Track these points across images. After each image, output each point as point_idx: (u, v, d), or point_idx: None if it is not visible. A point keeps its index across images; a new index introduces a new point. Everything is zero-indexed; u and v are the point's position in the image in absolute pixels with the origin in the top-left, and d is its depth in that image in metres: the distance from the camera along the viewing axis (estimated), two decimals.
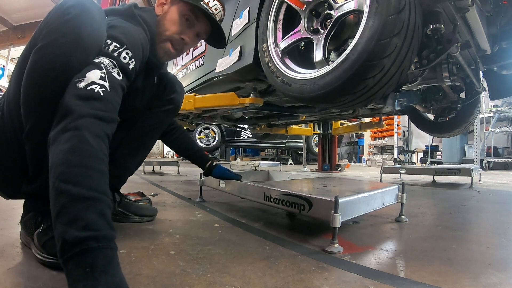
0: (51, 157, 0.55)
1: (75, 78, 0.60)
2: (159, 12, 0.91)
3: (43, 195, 0.68)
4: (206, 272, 0.62)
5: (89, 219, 0.49)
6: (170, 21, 0.90)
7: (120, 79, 0.67)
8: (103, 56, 0.66)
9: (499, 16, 1.27)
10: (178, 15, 0.91)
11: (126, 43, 0.70)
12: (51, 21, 0.62)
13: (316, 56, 1.07)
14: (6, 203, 1.24)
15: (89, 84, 0.60)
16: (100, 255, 0.47)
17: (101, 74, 0.63)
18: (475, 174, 2.49)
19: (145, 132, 1.05)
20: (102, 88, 0.61)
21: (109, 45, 0.68)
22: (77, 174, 0.52)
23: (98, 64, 0.64)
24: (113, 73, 0.66)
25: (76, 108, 0.57)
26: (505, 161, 6.00)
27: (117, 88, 0.66)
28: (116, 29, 0.72)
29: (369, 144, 10.23)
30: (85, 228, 0.48)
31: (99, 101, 0.60)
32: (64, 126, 0.56)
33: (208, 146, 6.44)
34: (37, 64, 0.61)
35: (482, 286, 0.60)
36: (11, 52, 7.22)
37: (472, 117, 1.91)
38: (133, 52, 0.72)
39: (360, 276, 0.63)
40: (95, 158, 0.55)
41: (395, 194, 1.10)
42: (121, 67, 0.68)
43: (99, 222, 0.49)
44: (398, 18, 0.84)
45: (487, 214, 1.40)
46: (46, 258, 0.62)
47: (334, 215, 0.77)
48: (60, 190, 0.51)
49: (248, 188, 1.13)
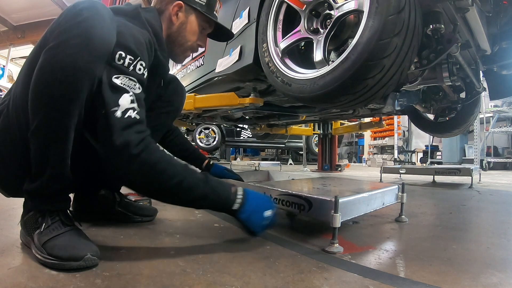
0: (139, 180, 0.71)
1: (110, 107, 0.67)
2: (175, 21, 0.93)
3: (44, 194, 0.68)
4: (206, 272, 0.62)
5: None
6: (191, 32, 0.96)
7: (140, 92, 0.74)
8: (123, 74, 0.70)
9: (499, 16, 1.27)
10: (198, 27, 0.97)
11: (139, 54, 0.73)
12: (63, 22, 0.64)
13: (316, 56, 1.07)
14: (6, 203, 1.24)
15: (124, 111, 0.68)
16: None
17: (130, 98, 0.70)
18: (475, 174, 2.48)
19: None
20: (135, 110, 0.70)
21: (124, 58, 0.70)
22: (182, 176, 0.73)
23: (124, 88, 0.69)
24: (136, 91, 0.72)
25: (129, 138, 0.67)
26: (505, 161, 6.00)
27: (142, 102, 0.74)
28: (126, 37, 0.72)
29: (369, 144, 10.23)
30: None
31: (139, 124, 0.71)
32: (129, 155, 0.67)
33: (208, 146, 6.44)
34: (47, 63, 0.62)
35: (482, 286, 0.60)
36: (11, 52, 7.21)
37: (472, 117, 1.91)
38: (145, 61, 0.75)
39: (360, 276, 0.63)
40: (173, 161, 0.74)
41: (395, 194, 1.10)
42: (139, 80, 0.73)
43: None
44: (398, 18, 0.84)
45: (487, 214, 1.40)
46: (46, 258, 0.62)
47: (334, 215, 0.77)
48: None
49: (248, 188, 1.13)
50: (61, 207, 0.71)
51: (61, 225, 0.69)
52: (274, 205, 0.87)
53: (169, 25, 0.94)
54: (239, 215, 0.79)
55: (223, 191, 0.79)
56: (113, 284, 0.55)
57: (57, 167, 0.67)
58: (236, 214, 0.79)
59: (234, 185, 0.82)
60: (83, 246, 0.64)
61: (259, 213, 0.82)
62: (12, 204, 1.21)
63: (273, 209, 0.85)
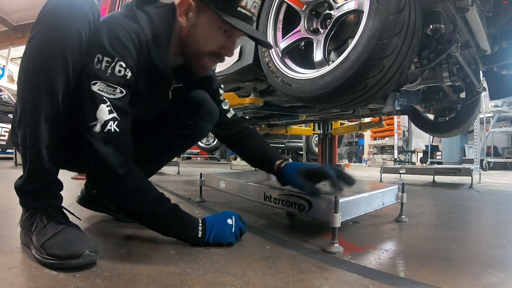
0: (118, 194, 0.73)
1: (89, 121, 0.66)
2: (183, 23, 0.77)
3: (29, 190, 0.70)
4: (206, 272, 0.62)
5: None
6: (205, 38, 0.77)
7: (124, 95, 0.70)
8: (100, 80, 0.67)
9: (499, 16, 1.27)
10: (213, 28, 0.76)
11: (116, 55, 0.67)
12: (38, 14, 0.67)
13: (316, 56, 1.07)
14: (7, 203, 1.25)
15: (103, 125, 0.67)
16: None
17: (107, 108, 0.67)
18: (475, 174, 2.49)
19: (156, 149, 0.97)
20: (115, 121, 0.68)
21: (101, 61, 0.67)
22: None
23: (101, 97, 0.67)
24: (117, 95, 0.69)
25: (110, 159, 0.67)
26: (505, 161, 6.00)
27: (124, 109, 0.71)
28: (102, 36, 0.68)
29: (369, 144, 10.23)
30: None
31: (119, 138, 0.69)
32: (111, 176, 0.69)
33: (208, 146, 6.44)
34: (23, 57, 0.66)
35: (482, 286, 0.60)
36: (11, 52, 7.22)
37: (472, 117, 1.91)
38: (126, 60, 0.69)
39: (360, 276, 0.63)
40: (149, 189, 0.75)
41: (395, 194, 1.10)
42: (120, 83, 0.69)
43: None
44: (398, 18, 0.84)
45: (487, 214, 1.40)
46: (45, 259, 0.62)
47: (334, 215, 0.77)
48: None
49: (248, 188, 1.13)
50: (49, 204, 0.71)
51: (57, 223, 0.69)
52: (235, 214, 0.84)
53: (179, 28, 0.78)
54: (206, 239, 0.77)
55: (189, 222, 0.78)
56: (113, 284, 0.55)
57: (34, 161, 0.67)
58: (203, 241, 0.77)
59: (201, 218, 0.80)
60: (81, 242, 0.64)
61: (221, 223, 0.80)
62: (12, 204, 1.21)
63: (235, 216, 0.83)
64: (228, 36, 0.78)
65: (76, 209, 1.11)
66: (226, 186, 1.30)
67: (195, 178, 2.87)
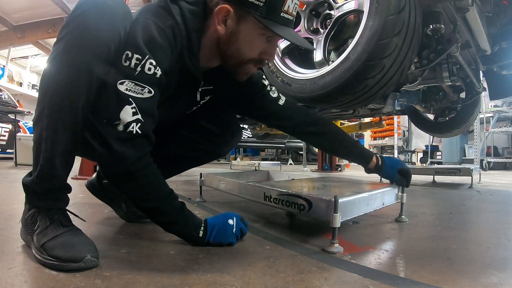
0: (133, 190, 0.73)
1: (112, 120, 0.65)
2: (222, 31, 0.74)
3: (36, 191, 0.69)
4: (206, 272, 0.62)
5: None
6: (245, 44, 0.75)
7: (152, 95, 0.68)
8: (128, 78, 0.65)
9: (499, 16, 1.27)
10: (255, 36, 0.74)
11: (147, 52, 0.65)
12: (67, 17, 0.66)
13: (316, 56, 1.07)
14: (7, 203, 1.25)
15: (126, 125, 0.66)
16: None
17: (132, 110, 0.66)
18: (475, 174, 2.48)
19: (175, 156, 0.98)
20: (138, 123, 0.67)
21: (131, 58, 0.65)
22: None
23: (127, 98, 0.65)
24: (144, 96, 0.67)
25: (127, 154, 0.66)
26: (505, 161, 6.00)
27: (149, 110, 0.69)
28: (135, 33, 0.66)
29: (369, 144, 10.23)
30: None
31: (140, 138, 0.68)
32: (124, 171, 0.68)
33: None
34: (49, 60, 0.65)
35: (482, 286, 0.60)
36: (11, 52, 7.21)
37: (472, 117, 1.92)
38: (157, 58, 0.66)
39: (360, 276, 0.63)
40: (161, 185, 0.74)
41: (395, 194, 1.10)
42: (149, 82, 0.67)
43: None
44: (398, 18, 0.84)
45: (487, 214, 1.40)
46: (46, 259, 0.62)
47: (334, 215, 0.77)
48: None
49: (248, 188, 1.13)
50: (54, 206, 0.70)
51: (60, 225, 0.68)
52: (237, 215, 0.84)
53: (215, 34, 0.75)
54: (207, 239, 0.78)
55: (193, 222, 0.78)
56: (113, 284, 0.55)
57: (45, 165, 0.67)
58: (204, 241, 0.78)
59: (204, 219, 0.81)
60: (83, 247, 0.64)
61: (222, 223, 0.80)
62: (13, 204, 1.21)
63: (236, 217, 0.84)
64: (270, 41, 0.77)
65: (79, 208, 1.11)
66: (226, 186, 1.30)
67: (195, 178, 2.87)
